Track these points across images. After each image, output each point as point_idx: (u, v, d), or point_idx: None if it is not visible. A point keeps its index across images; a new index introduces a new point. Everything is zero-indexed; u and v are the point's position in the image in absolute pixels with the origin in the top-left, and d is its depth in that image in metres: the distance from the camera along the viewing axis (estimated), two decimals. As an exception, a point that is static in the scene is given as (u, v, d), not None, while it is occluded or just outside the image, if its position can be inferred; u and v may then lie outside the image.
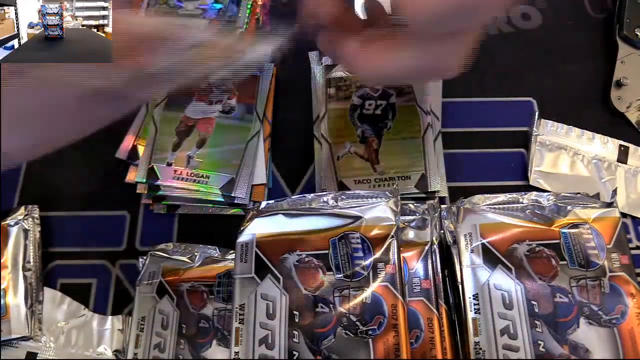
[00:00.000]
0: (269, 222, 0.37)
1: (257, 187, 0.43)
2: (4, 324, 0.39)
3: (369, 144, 0.44)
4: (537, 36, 0.51)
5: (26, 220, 0.42)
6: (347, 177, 0.43)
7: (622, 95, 0.47)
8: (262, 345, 0.33)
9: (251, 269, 0.35)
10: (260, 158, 0.44)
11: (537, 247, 0.36)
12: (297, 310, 0.34)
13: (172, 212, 0.44)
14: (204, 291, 0.39)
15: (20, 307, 0.39)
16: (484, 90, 0.49)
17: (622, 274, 0.35)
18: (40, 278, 0.41)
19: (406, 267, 0.36)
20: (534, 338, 0.33)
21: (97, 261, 0.43)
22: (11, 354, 0.39)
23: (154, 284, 0.40)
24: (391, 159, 0.44)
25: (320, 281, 0.34)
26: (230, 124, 0.45)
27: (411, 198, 0.42)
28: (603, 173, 0.44)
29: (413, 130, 0.44)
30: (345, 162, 0.44)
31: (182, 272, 0.40)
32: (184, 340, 0.38)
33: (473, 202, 0.39)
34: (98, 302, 0.42)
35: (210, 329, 0.38)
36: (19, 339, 0.39)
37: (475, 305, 0.35)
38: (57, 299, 0.41)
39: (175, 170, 0.43)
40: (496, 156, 0.46)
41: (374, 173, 0.43)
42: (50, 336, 0.40)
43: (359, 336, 0.33)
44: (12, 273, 0.40)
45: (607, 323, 0.34)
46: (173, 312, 0.38)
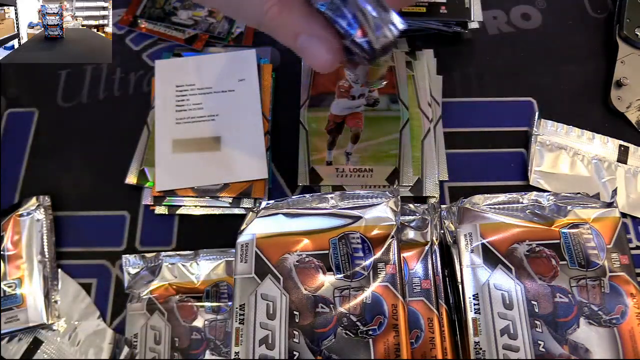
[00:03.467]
0: (269, 222, 0.37)
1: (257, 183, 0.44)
2: (21, 313, 0.39)
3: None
4: (537, 36, 0.51)
5: (38, 210, 0.43)
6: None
7: (622, 95, 0.47)
8: (262, 345, 0.33)
9: (251, 269, 0.35)
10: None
11: (537, 247, 0.36)
12: (297, 311, 0.34)
13: (173, 213, 0.44)
14: (194, 304, 0.39)
15: (37, 296, 0.40)
16: (484, 90, 0.49)
17: (622, 274, 0.35)
18: (54, 266, 0.42)
19: (406, 267, 0.36)
20: (534, 338, 0.33)
21: (97, 261, 0.43)
22: (24, 338, 0.40)
23: (143, 301, 0.40)
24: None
25: (320, 281, 0.34)
26: (378, 116, 0.46)
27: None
28: (603, 173, 0.44)
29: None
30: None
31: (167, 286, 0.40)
32: (178, 353, 0.38)
33: (473, 202, 0.39)
34: (98, 302, 0.42)
35: (203, 340, 0.38)
36: (37, 326, 0.40)
37: (475, 305, 0.35)
38: (80, 296, 0.42)
39: (337, 168, 0.44)
40: (496, 156, 0.46)
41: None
42: (60, 329, 0.40)
43: (359, 336, 0.33)
44: (27, 263, 0.41)
45: (607, 323, 0.34)
46: (165, 326, 0.39)
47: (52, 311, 0.40)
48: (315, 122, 0.46)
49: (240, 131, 0.46)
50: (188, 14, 0.52)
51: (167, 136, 0.46)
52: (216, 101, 0.47)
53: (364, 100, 0.46)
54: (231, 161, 0.44)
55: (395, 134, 0.45)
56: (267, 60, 0.49)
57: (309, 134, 0.46)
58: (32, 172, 0.47)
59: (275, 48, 0.50)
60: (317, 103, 0.47)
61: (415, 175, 0.43)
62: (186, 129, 0.46)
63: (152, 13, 0.53)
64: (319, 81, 0.48)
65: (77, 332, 0.40)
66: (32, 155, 0.47)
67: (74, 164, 0.47)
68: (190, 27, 0.51)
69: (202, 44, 0.50)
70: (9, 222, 0.42)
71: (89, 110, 0.49)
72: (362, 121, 0.46)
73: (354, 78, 0.45)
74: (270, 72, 0.48)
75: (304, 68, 0.48)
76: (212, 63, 0.49)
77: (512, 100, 0.48)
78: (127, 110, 0.48)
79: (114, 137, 0.47)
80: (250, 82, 0.47)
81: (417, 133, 0.45)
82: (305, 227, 0.36)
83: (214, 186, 0.44)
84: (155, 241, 0.43)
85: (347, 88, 0.47)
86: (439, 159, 0.45)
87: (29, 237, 0.42)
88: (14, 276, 0.40)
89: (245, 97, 0.47)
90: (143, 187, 0.44)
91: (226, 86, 0.47)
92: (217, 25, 0.51)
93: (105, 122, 0.48)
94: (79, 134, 0.48)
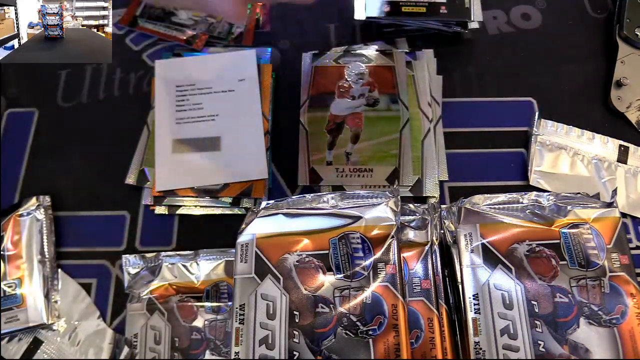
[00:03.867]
0: (269, 222, 0.37)
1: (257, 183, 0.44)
2: (21, 313, 0.39)
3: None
4: (537, 36, 0.51)
5: (38, 210, 0.43)
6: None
7: (622, 95, 0.47)
8: (262, 345, 0.33)
9: (251, 269, 0.35)
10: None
11: (537, 247, 0.36)
12: (298, 311, 0.34)
13: (173, 213, 0.44)
14: (194, 304, 0.39)
15: (37, 296, 0.40)
16: (484, 90, 0.49)
17: (622, 274, 0.35)
18: (54, 266, 0.42)
19: (406, 267, 0.36)
20: (534, 338, 0.33)
21: (97, 261, 0.43)
22: (24, 338, 0.40)
23: (143, 301, 0.40)
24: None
25: (320, 281, 0.34)
26: (378, 116, 0.46)
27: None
28: (603, 173, 0.44)
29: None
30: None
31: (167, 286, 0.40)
32: (178, 353, 0.38)
33: (473, 202, 0.38)
34: (98, 302, 0.42)
35: (203, 340, 0.38)
36: (37, 326, 0.40)
37: (475, 305, 0.35)
38: (80, 296, 0.42)
39: (337, 168, 0.44)
40: (496, 156, 0.46)
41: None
42: (60, 329, 0.40)
43: (359, 336, 0.33)
44: (26, 263, 0.41)
45: (607, 323, 0.34)
46: (165, 326, 0.39)
47: (52, 311, 0.40)
48: (315, 122, 0.46)
49: (240, 131, 0.46)
50: (188, 14, 0.52)
51: (167, 136, 0.46)
52: (216, 101, 0.47)
53: (364, 100, 0.46)
54: (231, 161, 0.44)
55: (395, 134, 0.45)
56: (267, 60, 0.49)
57: (309, 134, 0.46)
58: (32, 172, 0.47)
59: (275, 48, 0.50)
60: (317, 103, 0.47)
61: (415, 175, 0.43)
62: (186, 129, 0.46)
63: (152, 13, 0.53)
64: (319, 81, 0.48)
65: (77, 332, 0.40)
66: (32, 155, 0.47)
67: (74, 164, 0.47)
68: (190, 27, 0.51)
69: (202, 44, 0.50)
70: (9, 222, 0.42)
71: (89, 110, 0.49)
72: (362, 121, 0.46)
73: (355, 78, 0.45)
74: (270, 72, 0.48)
75: (304, 68, 0.48)
76: (212, 63, 0.49)
77: (512, 100, 0.48)
78: (127, 110, 0.48)
79: (114, 137, 0.47)
80: (250, 82, 0.47)
81: (417, 133, 0.45)
82: (305, 227, 0.36)
83: (214, 186, 0.44)
84: (155, 241, 0.43)
85: (347, 88, 0.47)
86: (439, 159, 0.45)
87: (29, 237, 0.42)
88: (14, 276, 0.40)
89: (245, 97, 0.47)
90: (143, 187, 0.44)
91: (226, 86, 0.47)
92: (217, 25, 0.51)
93: (105, 122, 0.48)
94: (79, 134, 0.48)
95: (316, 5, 0.48)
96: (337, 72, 0.48)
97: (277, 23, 0.52)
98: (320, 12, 0.52)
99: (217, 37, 0.51)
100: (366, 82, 0.47)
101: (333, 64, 0.48)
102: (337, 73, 0.47)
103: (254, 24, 0.52)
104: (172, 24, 0.52)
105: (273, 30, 0.52)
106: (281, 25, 0.52)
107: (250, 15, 0.52)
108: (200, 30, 0.51)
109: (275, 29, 0.52)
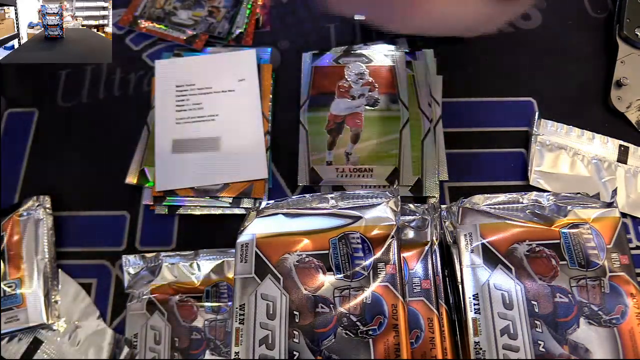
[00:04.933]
0: (269, 222, 0.37)
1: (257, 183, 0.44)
2: (21, 313, 0.39)
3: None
4: (537, 36, 0.51)
5: (38, 210, 0.43)
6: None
7: (622, 95, 0.47)
8: (262, 345, 0.33)
9: (251, 269, 0.35)
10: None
11: (537, 247, 0.36)
12: (298, 311, 0.34)
13: (173, 213, 0.44)
14: (194, 304, 0.39)
15: (37, 296, 0.40)
16: (484, 90, 0.49)
17: (622, 274, 0.35)
18: (54, 266, 0.42)
19: (406, 267, 0.36)
20: (534, 338, 0.33)
21: (97, 261, 0.43)
22: (24, 338, 0.40)
23: (143, 301, 0.40)
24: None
25: (320, 281, 0.34)
26: (378, 116, 0.46)
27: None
28: (603, 173, 0.44)
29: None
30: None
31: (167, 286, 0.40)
32: (178, 353, 0.38)
33: (473, 202, 0.39)
34: (98, 302, 0.42)
35: (203, 340, 0.38)
36: (37, 326, 0.40)
37: (475, 305, 0.35)
38: (80, 296, 0.42)
39: (337, 168, 0.44)
40: (496, 156, 0.46)
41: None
42: (60, 329, 0.40)
43: (359, 336, 0.33)
44: (26, 263, 0.41)
45: (607, 323, 0.34)
46: (165, 326, 0.39)
47: (52, 311, 0.40)
48: (315, 122, 0.46)
49: (240, 131, 0.46)
50: (188, 14, 0.52)
51: (167, 136, 0.46)
52: (216, 101, 0.47)
53: (364, 100, 0.46)
54: (231, 161, 0.44)
55: (395, 134, 0.45)
56: (267, 60, 0.49)
57: (309, 134, 0.46)
58: (32, 172, 0.47)
59: (275, 48, 0.50)
60: (317, 103, 0.47)
61: (415, 175, 0.43)
62: (186, 129, 0.46)
63: (152, 13, 0.53)
64: (319, 81, 0.48)
65: (77, 332, 0.40)
66: (32, 155, 0.47)
67: (74, 164, 0.47)
68: (190, 27, 0.51)
69: (202, 44, 0.50)
70: (9, 222, 0.42)
71: (89, 110, 0.49)
72: (362, 121, 0.46)
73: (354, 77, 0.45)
74: (270, 72, 0.48)
75: (304, 68, 0.48)
76: (212, 63, 0.49)
77: (512, 100, 0.48)
78: (127, 110, 0.48)
79: (114, 137, 0.47)
80: (250, 82, 0.47)
81: (417, 133, 0.45)
82: (305, 227, 0.36)
83: (214, 186, 0.44)
84: (155, 241, 0.43)
85: (347, 88, 0.47)
86: (439, 159, 0.45)
87: (29, 237, 0.42)
88: (14, 276, 0.40)
89: (245, 97, 0.47)
90: (143, 187, 0.44)
91: (226, 86, 0.47)
92: (217, 25, 0.51)
93: (105, 122, 0.48)
94: (79, 134, 0.48)
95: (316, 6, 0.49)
96: (337, 72, 0.48)
97: (277, 23, 0.52)
98: (320, 12, 0.52)
99: (217, 37, 0.51)
100: (366, 82, 0.47)
101: (333, 64, 0.48)
102: (337, 73, 0.47)
103: (254, 24, 0.52)
104: (172, 24, 0.52)
105: (273, 30, 0.52)
106: (281, 25, 0.52)
107: (250, 15, 0.52)
108: (200, 30, 0.51)
109: (275, 29, 0.52)
